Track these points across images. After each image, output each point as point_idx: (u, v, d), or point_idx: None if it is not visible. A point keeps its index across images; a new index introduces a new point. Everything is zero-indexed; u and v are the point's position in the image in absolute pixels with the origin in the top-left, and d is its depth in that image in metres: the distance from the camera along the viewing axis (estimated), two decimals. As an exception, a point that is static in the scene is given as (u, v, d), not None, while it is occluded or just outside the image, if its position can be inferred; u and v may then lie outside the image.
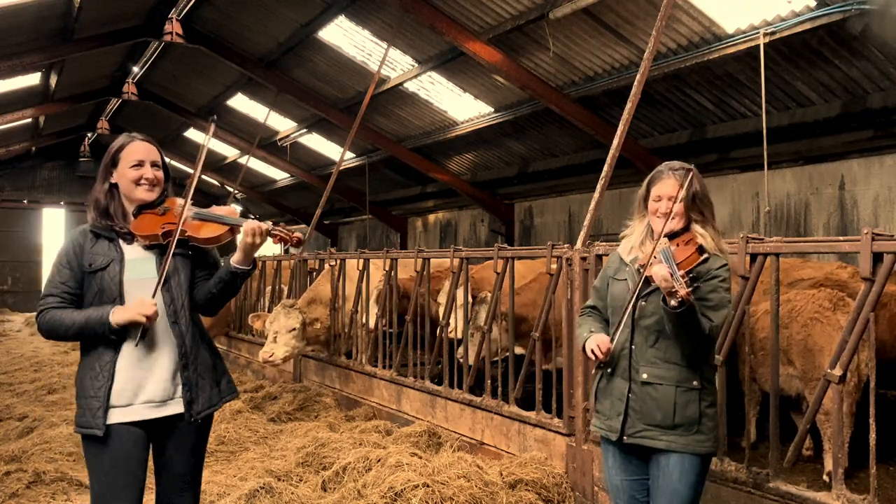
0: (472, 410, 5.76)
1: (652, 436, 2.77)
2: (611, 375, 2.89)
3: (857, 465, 4.33)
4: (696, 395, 2.77)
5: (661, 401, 2.76)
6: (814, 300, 4.64)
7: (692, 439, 2.75)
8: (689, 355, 2.77)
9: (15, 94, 15.21)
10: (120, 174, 2.83)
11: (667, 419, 2.75)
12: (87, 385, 2.70)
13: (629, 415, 2.81)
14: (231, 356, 10.93)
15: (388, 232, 20.06)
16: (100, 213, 2.82)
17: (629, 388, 2.82)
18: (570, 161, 12.94)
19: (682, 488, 2.75)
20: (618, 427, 2.82)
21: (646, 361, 2.81)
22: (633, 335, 2.84)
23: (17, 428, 6.60)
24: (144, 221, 2.81)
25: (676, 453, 2.75)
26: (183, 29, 13.16)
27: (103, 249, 2.77)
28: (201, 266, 2.94)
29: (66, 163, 25.25)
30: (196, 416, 2.81)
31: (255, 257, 2.89)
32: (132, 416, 2.72)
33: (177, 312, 2.81)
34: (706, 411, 2.78)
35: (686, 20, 8.28)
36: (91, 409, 2.67)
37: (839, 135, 8.80)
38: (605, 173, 5.01)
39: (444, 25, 9.87)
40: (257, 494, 4.42)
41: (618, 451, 2.89)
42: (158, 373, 2.76)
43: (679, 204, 2.79)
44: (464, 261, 6.10)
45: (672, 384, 2.77)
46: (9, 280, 24.54)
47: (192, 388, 2.80)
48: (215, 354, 2.99)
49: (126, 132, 2.94)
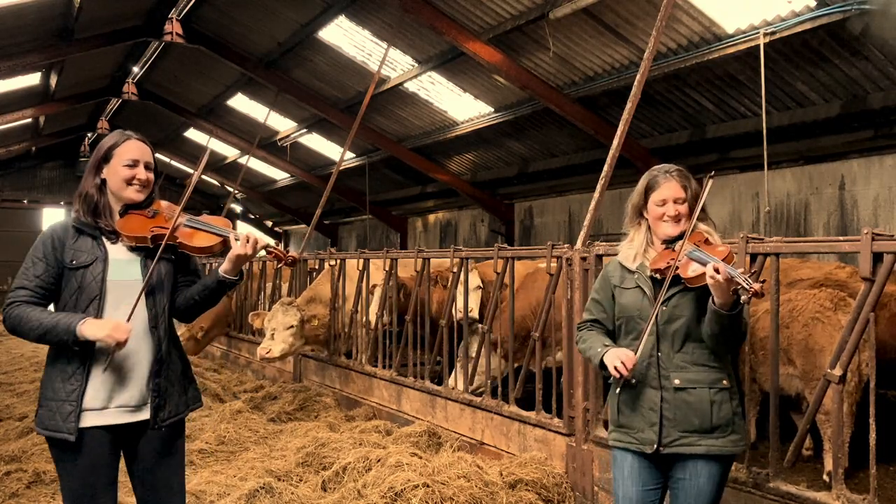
0: (472, 410, 5.76)
1: (690, 442, 2.71)
2: (635, 387, 2.79)
3: (857, 465, 4.33)
4: (728, 395, 2.75)
5: (697, 405, 2.71)
6: (815, 300, 4.63)
7: (728, 440, 2.72)
8: (716, 356, 2.74)
9: (15, 94, 15.20)
10: (112, 171, 2.76)
11: (705, 423, 2.70)
12: (58, 387, 2.61)
13: (664, 424, 2.72)
14: (231, 356, 10.93)
15: (388, 232, 20.06)
16: (89, 208, 2.75)
17: (661, 397, 2.73)
18: (570, 161, 12.94)
19: (709, 489, 2.72)
20: (653, 438, 2.73)
21: (675, 367, 2.74)
22: (659, 342, 2.77)
23: (17, 428, 6.59)
24: (132, 222, 2.75)
25: (707, 455, 2.71)
26: (183, 29, 13.16)
27: (86, 246, 2.70)
28: (183, 271, 2.90)
29: (66, 163, 25.26)
30: (161, 423, 2.73)
31: (242, 268, 2.86)
32: (106, 420, 2.64)
33: (157, 317, 2.75)
34: (737, 410, 2.76)
35: (686, 20, 8.28)
36: (62, 412, 2.58)
37: (839, 135, 8.80)
38: (605, 173, 5.01)
39: (444, 25, 9.87)
40: (257, 494, 4.41)
41: (638, 461, 2.81)
42: (135, 378, 2.69)
43: (685, 205, 2.78)
44: (464, 261, 6.10)
45: (706, 386, 2.72)
46: (9, 280, 24.52)
47: (161, 394, 2.73)
48: (185, 361, 2.93)
49: (120, 129, 2.90)
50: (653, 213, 2.84)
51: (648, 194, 2.86)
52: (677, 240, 2.79)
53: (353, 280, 7.65)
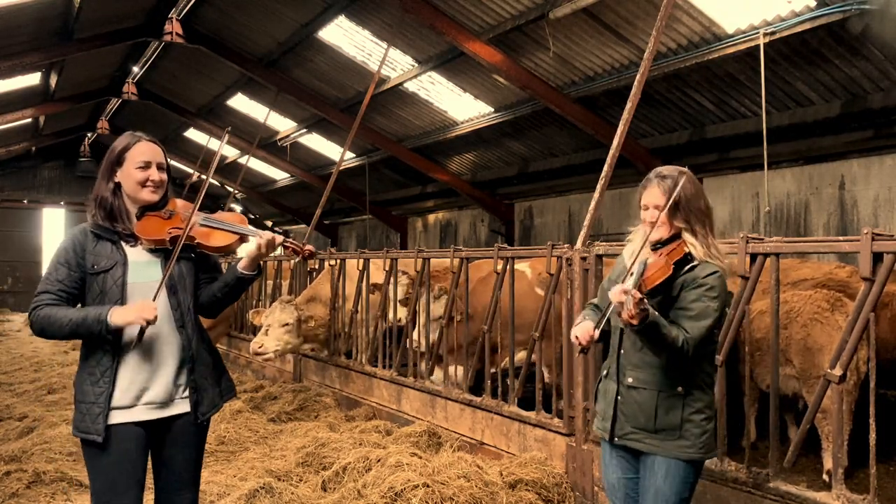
0: (472, 410, 5.76)
1: (638, 438, 2.82)
2: (605, 378, 2.96)
3: (857, 465, 4.33)
4: (680, 402, 2.77)
5: (644, 405, 2.79)
6: (811, 301, 4.67)
7: (674, 445, 2.76)
8: (671, 361, 2.74)
9: (15, 94, 15.20)
10: (125, 174, 2.79)
11: (649, 423, 2.78)
12: (87, 390, 2.68)
13: (618, 417, 2.86)
14: (231, 356, 10.94)
15: (388, 232, 20.05)
16: (105, 212, 2.78)
17: (617, 391, 2.87)
18: (570, 161, 12.94)
19: (666, 489, 2.77)
20: (608, 428, 2.89)
21: (632, 365, 2.84)
22: (622, 339, 2.88)
23: (17, 428, 6.60)
24: (150, 224, 2.79)
25: (661, 456, 2.78)
26: (183, 29, 13.15)
27: (106, 251, 2.74)
28: (204, 269, 2.96)
29: (66, 163, 25.23)
30: (202, 417, 2.83)
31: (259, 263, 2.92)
32: (134, 417, 2.72)
33: (183, 316, 2.81)
34: (691, 417, 2.76)
35: (686, 20, 8.28)
36: (91, 414, 2.65)
37: (839, 135, 8.80)
38: (605, 173, 5.02)
39: (444, 25, 9.87)
40: (257, 494, 4.42)
41: (613, 450, 2.94)
42: (162, 376, 2.76)
43: (663, 213, 2.78)
44: (464, 261, 6.10)
45: (654, 389, 2.78)
46: (9, 280, 24.54)
47: (198, 390, 2.82)
48: (215, 354, 3.00)
49: (130, 131, 2.91)
50: (641, 215, 2.93)
51: (640, 195, 2.93)
52: (665, 244, 2.82)
53: (354, 280, 7.65)
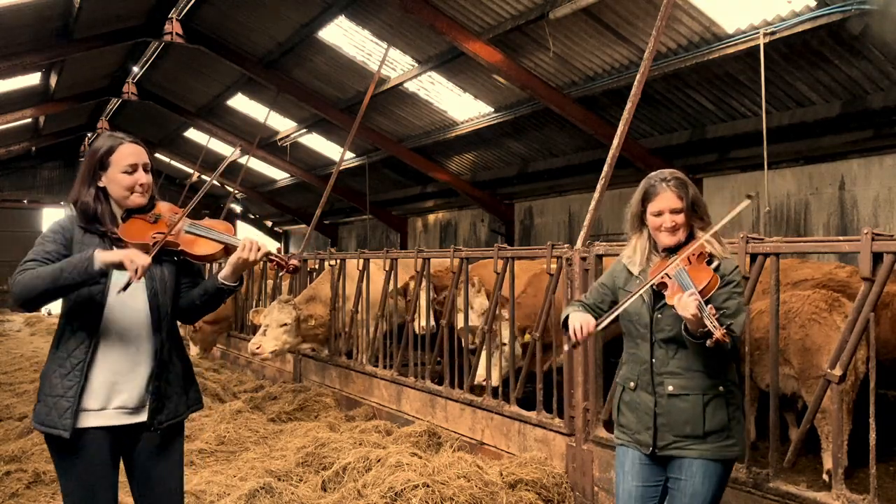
0: (472, 410, 5.76)
1: (683, 446, 2.75)
2: (634, 390, 2.86)
3: (857, 465, 4.33)
4: (724, 401, 2.76)
5: (689, 411, 2.73)
6: (809, 301, 4.68)
7: (722, 445, 2.74)
8: (710, 361, 2.73)
9: (15, 94, 15.20)
10: (111, 179, 2.70)
11: (697, 429, 2.72)
12: (56, 383, 2.59)
13: (658, 428, 2.77)
14: (231, 356, 10.94)
15: (388, 232, 20.06)
16: (86, 217, 2.70)
17: (655, 402, 2.78)
18: (570, 161, 12.94)
19: (704, 491, 2.73)
20: (649, 440, 2.79)
21: (669, 373, 2.77)
22: (653, 349, 2.81)
23: (17, 428, 6.60)
24: (134, 228, 2.72)
25: (705, 459, 2.74)
26: (183, 29, 13.16)
27: (94, 242, 2.66)
28: (185, 274, 2.88)
29: (66, 163, 25.27)
30: (159, 425, 2.70)
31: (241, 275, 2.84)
32: (105, 421, 2.62)
33: (160, 320, 2.73)
34: (734, 415, 2.77)
35: (686, 20, 8.28)
36: (59, 408, 2.56)
37: (839, 135, 8.80)
38: (605, 173, 5.01)
39: (444, 25, 9.87)
40: (257, 494, 4.41)
41: (638, 458, 2.85)
42: (135, 379, 2.67)
43: (682, 215, 2.77)
44: (464, 261, 6.10)
45: (699, 393, 2.74)
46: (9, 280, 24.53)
47: (160, 397, 2.71)
48: (186, 362, 2.90)
49: (109, 132, 2.80)
50: (651, 223, 2.85)
51: (645, 203, 2.85)
52: (680, 247, 2.79)
53: (354, 280, 7.65)
